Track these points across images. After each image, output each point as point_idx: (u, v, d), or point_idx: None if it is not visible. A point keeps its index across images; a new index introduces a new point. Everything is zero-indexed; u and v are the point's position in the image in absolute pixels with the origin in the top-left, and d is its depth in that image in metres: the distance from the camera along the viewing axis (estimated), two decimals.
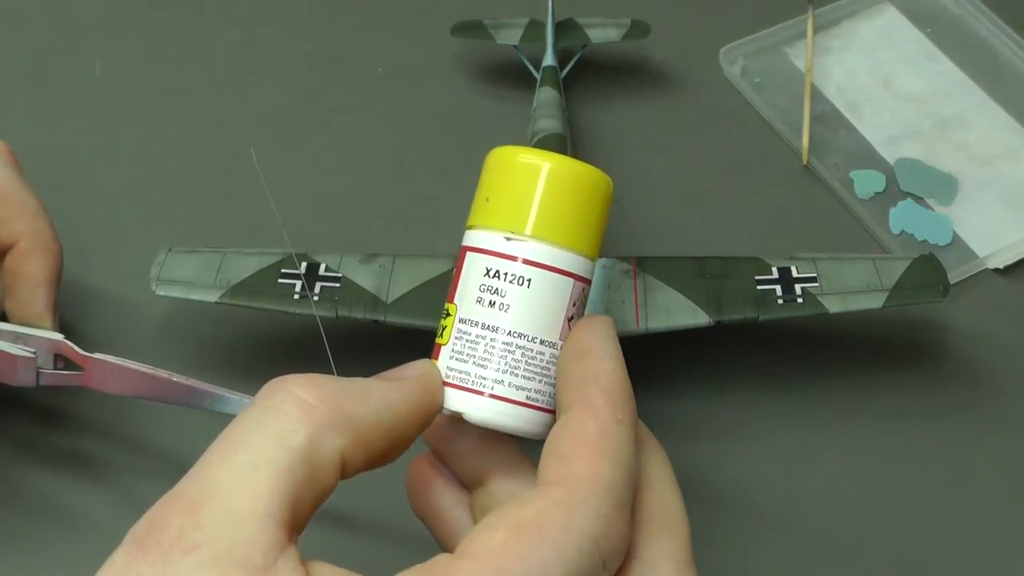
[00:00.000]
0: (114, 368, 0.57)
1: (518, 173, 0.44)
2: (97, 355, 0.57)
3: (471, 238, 0.45)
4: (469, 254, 0.45)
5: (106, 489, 0.61)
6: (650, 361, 0.64)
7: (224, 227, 0.70)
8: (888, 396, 0.64)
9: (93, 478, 0.61)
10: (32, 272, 0.59)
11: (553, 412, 0.44)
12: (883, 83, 0.77)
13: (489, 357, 0.44)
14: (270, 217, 0.69)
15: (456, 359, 0.44)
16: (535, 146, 0.67)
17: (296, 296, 0.62)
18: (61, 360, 0.58)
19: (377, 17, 0.81)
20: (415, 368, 0.44)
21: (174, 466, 0.61)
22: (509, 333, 0.44)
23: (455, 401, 0.44)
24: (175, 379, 0.56)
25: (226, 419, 0.56)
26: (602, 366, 0.43)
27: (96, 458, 0.61)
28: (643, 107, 0.77)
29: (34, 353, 0.57)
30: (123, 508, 0.60)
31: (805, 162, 0.73)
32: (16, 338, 0.58)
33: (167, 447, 0.62)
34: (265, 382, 0.42)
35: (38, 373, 0.58)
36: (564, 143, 0.68)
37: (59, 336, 0.58)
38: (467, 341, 0.44)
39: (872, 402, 0.64)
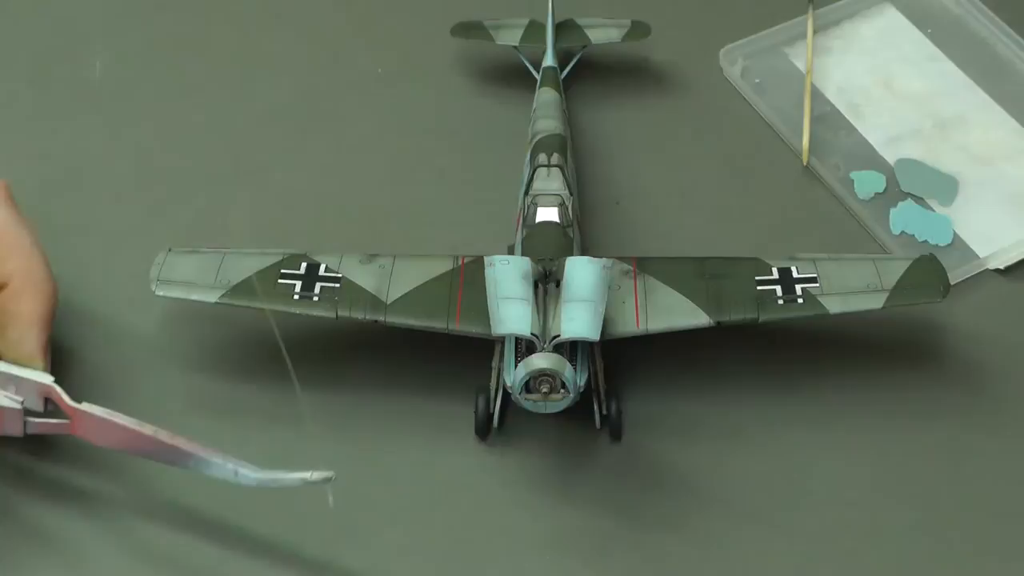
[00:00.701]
0: (100, 422, 0.56)
1: None
2: (84, 406, 0.56)
3: None
4: None
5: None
6: (650, 361, 0.64)
7: (224, 227, 0.70)
8: (888, 396, 0.64)
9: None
10: (24, 312, 0.58)
11: None
12: (883, 83, 0.77)
13: None
14: (270, 217, 0.69)
15: None
16: (535, 146, 0.68)
17: (296, 296, 0.62)
18: (51, 403, 0.57)
19: (377, 17, 0.81)
20: None
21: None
22: None
23: None
24: (160, 437, 0.55)
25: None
26: None
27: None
28: (643, 107, 0.76)
29: (22, 402, 0.57)
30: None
31: (805, 162, 0.73)
32: (6, 380, 0.57)
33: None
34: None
35: (25, 422, 0.57)
36: (564, 143, 0.68)
37: (49, 379, 0.57)
38: None
39: (872, 402, 0.64)
